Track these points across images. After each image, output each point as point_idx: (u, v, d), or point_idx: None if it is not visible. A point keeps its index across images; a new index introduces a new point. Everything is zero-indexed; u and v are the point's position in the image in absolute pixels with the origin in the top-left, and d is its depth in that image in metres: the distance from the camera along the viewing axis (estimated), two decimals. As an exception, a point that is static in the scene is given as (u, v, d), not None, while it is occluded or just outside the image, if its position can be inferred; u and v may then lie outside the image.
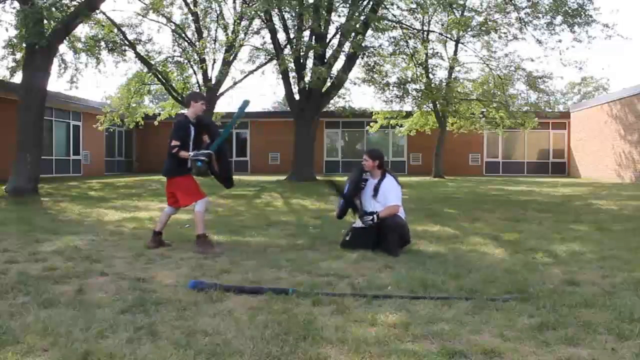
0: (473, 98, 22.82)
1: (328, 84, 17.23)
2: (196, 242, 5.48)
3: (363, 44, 16.29)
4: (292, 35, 17.57)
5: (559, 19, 16.83)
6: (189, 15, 20.31)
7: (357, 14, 15.54)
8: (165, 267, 4.73)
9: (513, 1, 17.44)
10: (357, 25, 15.20)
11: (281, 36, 17.87)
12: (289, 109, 19.33)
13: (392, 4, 17.86)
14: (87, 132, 23.60)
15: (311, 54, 16.91)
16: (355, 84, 20.39)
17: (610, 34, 21.34)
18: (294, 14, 16.89)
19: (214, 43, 20.84)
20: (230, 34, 19.63)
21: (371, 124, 24.28)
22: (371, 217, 5.46)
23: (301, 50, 15.91)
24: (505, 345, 2.83)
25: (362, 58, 18.45)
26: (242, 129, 27.38)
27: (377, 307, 3.49)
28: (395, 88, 20.25)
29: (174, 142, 5.35)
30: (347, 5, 16.62)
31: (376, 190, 5.56)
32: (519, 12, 17.36)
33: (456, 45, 21.21)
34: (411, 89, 20.70)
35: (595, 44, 47.09)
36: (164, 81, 20.51)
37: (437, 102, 21.36)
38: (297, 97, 17.78)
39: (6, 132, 15.61)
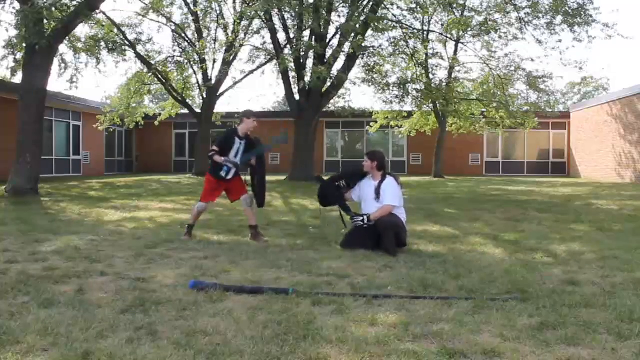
0: (473, 98, 22.81)
1: (328, 84, 17.22)
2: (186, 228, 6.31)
3: (363, 44, 16.27)
4: (292, 35, 17.57)
5: (559, 18, 16.83)
6: (189, 15, 20.33)
7: (357, 14, 15.53)
8: (165, 267, 4.73)
9: (513, 1, 17.43)
10: (357, 26, 15.20)
11: (281, 36, 17.89)
12: (289, 109, 19.33)
13: (392, 4, 17.85)
14: (87, 132, 23.60)
15: (311, 54, 16.90)
16: (355, 84, 20.38)
17: (611, 33, 21.34)
18: (294, 14, 16.89)
19: (214, 43, 20.86)
20: (230, 34, 19.64)
21: (371, 124, 24.29)
22: (361, 218, 5.51)
23: (301, 50, 15.90)
24: (505, 345, 2.83)
25: (362, 58, 18.44)
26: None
27: (377, 307, 3.49)
28: (395, 88, 20.23)
29: (213, 147, 6.12)
30: (347, 5, 16.61)
31: (377, 192, 5.57)
32: (519, 12, 17.35)
33: (456, 45, 21.21)
34: (411, 89, 20.70)
35: (595, 44, 47.11)
36: (164, 81, 20.51)
37: (437, 102, 21.36)
38: (297, 97, 17.78)
39: (6, 132, 15.62)
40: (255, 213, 6.30)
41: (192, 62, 21.16)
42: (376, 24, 15.99)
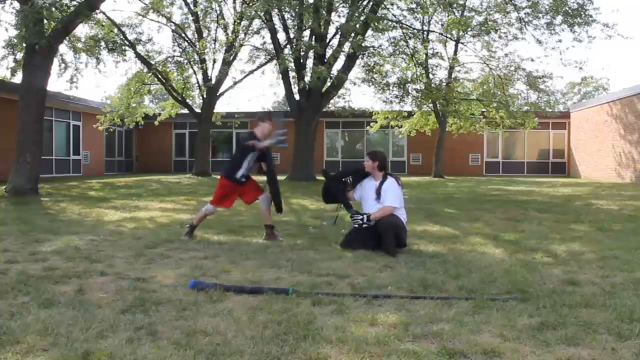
0: (473, 98, 22.81)
1: (328, 84, 17.23)
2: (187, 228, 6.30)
3: (363, 44, 16.28)
4: (292, 35, 17.58)
5: (559, 18, 16.84)
6: (189, 15, 20.34)
7: (357, 14, 15.54)
8: (165, 267, 4.72)
9: (513, 1, 17.44)
10: (357, 26, 15.20)
11: (281, 36, 17.90)
12: (289, 108, 19.33)
13: (392, 4, 17.87)
14: (87, 132, 23.60)
15: (311, 54, 16.91)
16: (355, 84, 20.39)
17: (611, 33, 21.39)
18: (294, 14, 16.90)
19: (214, 43, 20.88)
20: (230, 34, 19.65)
21: (371, 124, 24.30)
22: (361, 217, 5.51)
23: (301, 50, 15.91)
24: (505, 345, 2.83)
25: (362, 58, 18.45)
26: (242, 128, 27.35)
27: (377, 307, 3.49)
28: (395, 88, 20.25)
29: (250, 142, 6.05)
30: (347, 5, 16.62)
31: (378, 193, 5.58)
32: (519, 12, 17.36)
33: (456, 45, 21.22)
34: (411, 89, 20.71)
35: (595, 44, 47.11)
36: (164, 81, 20.52)
37: (437, 102, 21.37)
38: (297, 97, 17.78)
39: (6, 132, 15.62)
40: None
41: (192, 62, 21.17)
42: (376, 24, 16.01)
